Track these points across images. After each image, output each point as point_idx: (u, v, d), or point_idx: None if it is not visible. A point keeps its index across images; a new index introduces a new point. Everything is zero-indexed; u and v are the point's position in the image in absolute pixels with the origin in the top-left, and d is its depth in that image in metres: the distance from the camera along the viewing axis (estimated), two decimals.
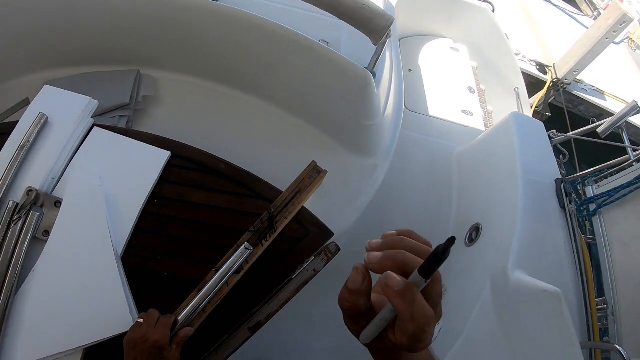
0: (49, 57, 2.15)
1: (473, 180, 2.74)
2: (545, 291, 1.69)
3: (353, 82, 1.82)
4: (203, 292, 1.09)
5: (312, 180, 1.18)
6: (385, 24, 1.58)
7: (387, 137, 2.21)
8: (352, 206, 1.96)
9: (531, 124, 2.59)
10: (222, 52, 2.02)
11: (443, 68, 3.72)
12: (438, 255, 0.46)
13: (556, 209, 2.21)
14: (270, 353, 2.18)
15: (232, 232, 1.24)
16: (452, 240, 0.46)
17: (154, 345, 0.97)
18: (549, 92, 4.68)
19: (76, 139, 1.37)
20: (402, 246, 0.52)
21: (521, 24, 5.27)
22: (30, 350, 1.14)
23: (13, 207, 1.23)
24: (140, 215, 1.27)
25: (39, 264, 1.20)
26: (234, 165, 1.36)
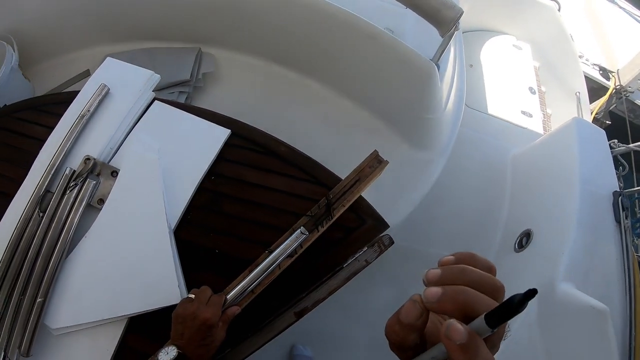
0: (111, 31, 2.20)
1: (527, 185, 2.65)
2: (592, 307, 1.63)
3: (417, 73, 1.78)
4: (254, 272, 1.08)
5: (373, 169, 1.15)
6: (454, 15, 1.53)
7: (446, 132, 2.15)
8: (405, 200, 1.93)
9: (593, 131, 2.47)
10: (285, 35, 2.01)
11: (504, 66, 3.60)
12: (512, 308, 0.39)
13: (611, 222, 2.11)
14: (307, 338, 2.17)
15: (286, 214, 1.23)
16: (532, 292, 0.39)
17: (204, 323, 0.96)
18: (611, 99, 4.46)
19: (136, 111, 1.38)
20: (464, 280, 0.45)
21: (586, 25, 5.03)
22: (75, 313, 1.16)
23: (70, 174, 1.26)
24: (196, 191, 1.27)
25: (92, 231, 1.22)
26: (294, 149, 1.34)
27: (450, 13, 1.54)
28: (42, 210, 1.23)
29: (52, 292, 1.17)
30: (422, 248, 2.43)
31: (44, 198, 1.24)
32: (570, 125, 2.43)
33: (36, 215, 1.22)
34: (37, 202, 1.23)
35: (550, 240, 2.11)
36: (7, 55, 1.94)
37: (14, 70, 1.97)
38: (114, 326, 1.16)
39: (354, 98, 2.13)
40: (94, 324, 1.16)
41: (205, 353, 0.98)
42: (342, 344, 2.19)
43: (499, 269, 1.62)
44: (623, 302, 1.88)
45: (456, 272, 0.46)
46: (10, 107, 1.52)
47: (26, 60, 2.10)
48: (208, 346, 0.98)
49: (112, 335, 1.15)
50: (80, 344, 1.16)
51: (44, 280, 1.16)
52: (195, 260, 1.21)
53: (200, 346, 0.97)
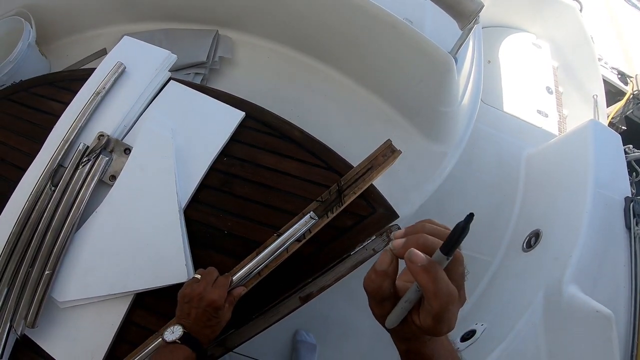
0: (130, 11, 2.20)
1: (540, 184, 2.62)
2: (598, 312, 1.61)
3: (434, 65, 1.76)
4: (262, 255, 1.09)
5: (386, 158, 1.14)
6: (475, 8, 1.51)
7: (461, 126, 2.14)
8: (418, 191, 1.92)
9: (609, 135, 2.44)
10: (304, 21, 2.00)
11: (522, 63, 3.55)
12: (458, 232, 0.49)
13: (621, 228, 2.09)
14: (312, 323, 2.18)
15: (297, 199, 1.23)
16: (470, 216, 0.50)
17: (210, 304, 0.97)
18: (628, 104, 4.41)
19: (152, 90, 1.39)
20: (424, 230, 0.56)
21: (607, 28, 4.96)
22: (82, 287, 1.17)
23: (83, 149, 1.27)
24: (208, 172, 1.28)
25: (102, 207, 1.23)
26: (308, 134, 1.34)
27: (471, 5, 1.52)
28: (54, 184, 1.24)
29: (60, 266, 1.18)
30: None
31: (57, 172, 1.25)
32: (586, 127, 2.40)
33: (48, 189, 1.24)
34: (49, 176, 1.25)
35: (559, 242, 2.09)
36: (25, 31, 1.95)
37: (31, 46, 1.99)
38: (120, 301, 1.17)
39: (370, 87, 2.12)
40: (100, 298, 1.17)
41: (211, 333, 0.99)
42: (345, 332, 2.20)
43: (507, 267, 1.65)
44: (628, 309, 1.87)
45: (417, 226, 0.58)
46: (27, 83, 1.53)
47: (43, 36, 2.12)
48: (213, 327, 0.99)
49: (118, 310, 1.17)
50: (86, 318, 1.18)
51: (52, 253, 1.18)
52: (204, 239, 1.22)
53: (205, 327, 0.98)
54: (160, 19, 2.19)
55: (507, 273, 2.28)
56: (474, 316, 2.18)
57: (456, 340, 2.05)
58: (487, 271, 2.39)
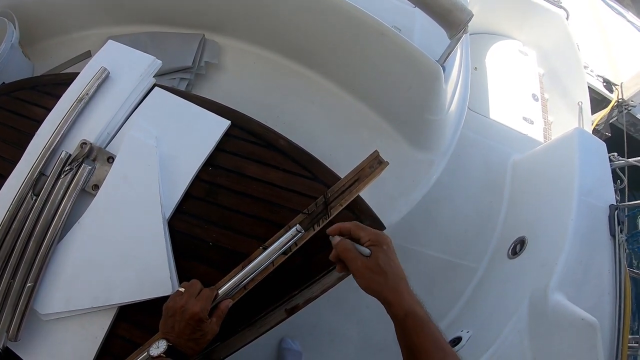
0: (116, 13, 2.18)
1: (525, 191, 2.64)
2: (582, 319, 1.63)
3: (422, 73, 1.76)
4: (248, 268, 1.07)
5: (373, 170, 1.13)
6: (465, 18, 1.52)
7: (448, 134, 2.14)
8: (404, 199, 1.92)
9: (594, 143, 2.46)
10: (291, 26, 1.99)
11: (509, 71, 3.60)
12: None
13: (606, 236, 2.11)
14: (297, 331, 2.17)
15: (282, 209, 1.22)
16: None
17: (192, 317, 0.96)
18: (612, 111, 4.47)
19: (136, 96, 1.37)
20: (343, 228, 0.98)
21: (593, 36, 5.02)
22: (65, 299, 1.15)
23: (65, 158, 1.25)
24: (193, 181, 1.26)
25: (85, 217, 1.21)
26: (293, 143, 1.33)
27: (461, 15, 1.52)
28: (35, 193, 1.22)
29: (42, 277, 1.16)
30: (418, 248, 2.42)
31: (38, 181, 1.23)
32: (571, 135, 2.42)
33: (29, 198, 1.21)
34: (31, 185, 1.22)
35: (544, 249, 2.10)
36: (8, 32, 1.91)
37: (14, 47, 1.95)
38: (104, 314, 1.15)
39: (358, 95, 2.12)
40: (83, 311, 1.15)
41: (195, 346, 0.97)
42: (331, 340, 2.19)
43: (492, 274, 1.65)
44: (613, 316, 1.88)
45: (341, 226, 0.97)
46: (9, 86, 1.50)
47: (27, 37, 2.08)
48: (198, 340, 0.97)
49: (102, 323, 1.15)
50: (70, 331, 1.15)
51: (34, 264, 1.15)
52: (189, 251, 1.20)
53: (190, 340, 0.96)
54: (146, 22, 2.17)
55: (492, 280, 2.29)
56: (460, 323, 2.19)
57: None
58: (473, 278, 2.40)
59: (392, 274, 0.87)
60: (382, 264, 0.87)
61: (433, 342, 0.81)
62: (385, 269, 0.87)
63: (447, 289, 2.38)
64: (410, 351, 0.83)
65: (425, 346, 0.81)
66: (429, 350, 0.81)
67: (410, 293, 0.88)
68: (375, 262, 0.87)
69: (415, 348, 0.82)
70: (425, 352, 0.81)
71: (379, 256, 0.88)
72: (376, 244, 0.91)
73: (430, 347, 0.81)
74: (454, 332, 2.11)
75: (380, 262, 0.87)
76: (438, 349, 0.81)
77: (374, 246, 0.90)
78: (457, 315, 2.27)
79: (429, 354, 0.80)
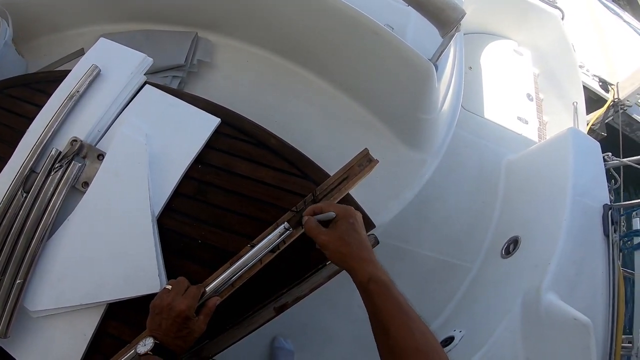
0: (110, 11, 2.17)
1: (519, 191, 2.64)
2: (575, 319, 1.63)
3: (414, 72, 1.76)
4: (235, 266, 1.07)
5: (362, 168, 1.13)
6: (457, 16, 1.52)
7: (441, 133, 2.14)
8: (396, 199, 1.92)
9: (588, 143, 2.47)
10: (284, 25, 1.99)
11: (504, 70, 3.60)
12: None
13: (599, 236, 2.11)
14: (290, 331, 2.17)
15: (272, 208, 1.22)
16: None
17: (179, 315, 0.96)
18: (608, 111, 4.47)
19: (127, 94, 1.37)
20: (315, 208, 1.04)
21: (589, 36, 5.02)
22: (54, 296, 1.15)
23: (55, 155, 1.24)
24: (182, 179, 1.26)
25: (74, 215, 1.21)
26: (284, 142, 1.33)
27: (453, 14, 1.52)
28: (25, 190, 1.21)
29: (32, 274, 1.16)
30: (410, 247, 2.42)
31: (28, 178, 1.23)
32: (565, 135, 2.43)
33: (19, 195, 1.21)
34: (21, 182, 1.22)
35: (537, 249, 2.11)
36: (1, 30, 1.91)
37: (8, 45, 1.94)
38: (93, 311, 1.15)
39: (350, 93, 2.12)
40: (72, 308, 1.15)
41: (183, 344, 0.98)
42: (324, 338, 2.19)
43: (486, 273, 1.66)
44: (606, 315, 1.88)
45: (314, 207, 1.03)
46: (2, 83, 1.50)
47: (21, 35, 2.07)
48: (185, 337, 0.98)
49: (91, 320, 1.15)
50: (59, 328, 1.16)
51: (24, 261, 1.15)
52: (178, 249, 1.20)
53: (177, 337, 0.97)
54: (140, 20, 2.16)
55: (485, 279, 2.29)
56: (453, 322, 2.19)
57: None
58: (466, 277, 2.40)
59: (356, 244, 0.93)
60: (344, 236, 0.93)
61: (396, 306, 0.84)
62: (348, 240, 0.93)
63: (440, 289, 2.38)
64: (374, 316, 0.85)
65: (388, 309, 0.84)
66: (392, 314, 0.83)
67: (373, 261, 0.91)
68: (338, 234, 0.94)
69: (379, 312, 0.84)
70: (389, 315, 0.83)
71: (342, 228, 0.95)
72: (342, 217, 0.97)
73: (394, 311, 0.83)
74: (446, 332, 2.11)
75: (342, 234, 0.94)
76: (402, 312, 0.83)
77: (340, 219, 0.97)
78: (450, 314, 2.27)
79: (392, 318, 0.83)
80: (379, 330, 0.84)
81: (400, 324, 0.82)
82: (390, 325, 0.82)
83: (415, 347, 0.79)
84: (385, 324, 0.83)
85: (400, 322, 0.82)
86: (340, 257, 0.93)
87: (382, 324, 0.83)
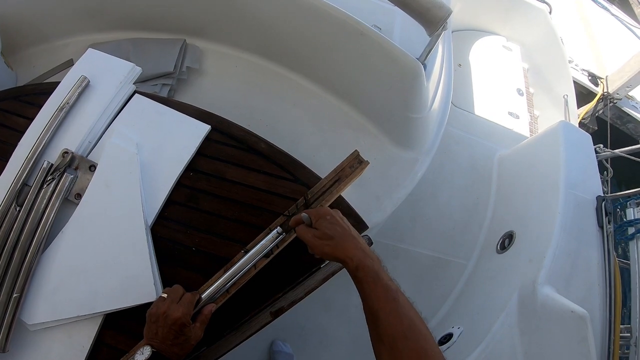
0: (97, 20, 2.16)
1: (512, 186, 2.66)
2: (572, 312, 1.64)
3: (403, 72, 1.76)
4: (229, 272, 1.07)
5: (353, 170, 1.14)
6: (443, 15, 1.51)
7: (431, 132, 2.14)
8: (389, 198, 1.92)
9: (579, 135, 2.48)
10: (271, 28, 1.98)
11: (493, 66, 3.60)
12: None
13: (594, 227, 2.13)
14: (287, 333, 2.17)
15: (265, 213, 1.23)
16: None
17: (175, 323, 0.96)
18: (598, 104, 4.50)
19: (116, 104, 1.37)
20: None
21: (577, 30, 5.05)
22: (51, 309, 1.16)
23: (47, 168, 1.24)
24: (174, 187, 1.26)
25: (68, 226, 1.21)
26: (274, 146, 1.33)
27: (439, 12, 1.52)
28: (19, 204, 1.21)
29: (28, 288, 1.16)
30: (405, 246, 2.43)
31: (21, 192, 1.23)
32: (556, 128, 2.44)
33: (13, 209, 1.21)
34: (14, 195, 1.22)
35: (532, 243, 2.12)
36: None
37: None
38: (90, 322, 1.15)
39: (339, 95, 2.12)
40: (70, 320, 1.15)
41: (180, 351, 0.98)
42: (322, 341, 2.19)
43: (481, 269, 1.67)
44: (603, 307, 1.90)
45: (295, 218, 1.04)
46: None
47: (9, 46, 2.07)
48: (182, 345, 0.98)
49: (88, 331, 1.15)
50: (57, 340, 1.16)
51: (20, 275, 1.15)
52: (172, 256, 1.20)
53: (173, 345, 0.97)
54: (128, 28, 2.16)
55: (482, 275, 2.30)
56: (451, 319, 2.20)
57: None
58: (462, 274, 2.41)
59: (339, 236, 0.96)
60: (327, 231, 0.97)
61: (384, 293, 0.86)
62: (330, 233, 0.96)
63: (436, 286, 2.40)
64: (365, 303, 0.88)
65: (378, 296, 0.86)
66: (381, 301, 0.85)
67: (359, 248, 0.94)
68: (321, 231, 0.97)
69: (368, 299, 0.87)
70: (378, 302, 0.85)
71: (322, 225, 0.98)
72: (318, 218, 1.00)
73: (382, 297, 0.86)
74: (445, 329, 2.11)
75: (325, 230, 0.97)
76: (390, 299, 0.85)
77: (318, 219, 1.00)
78: (447, 311, 2.28)
79: (381, 305, 0.84)
80: (369, 317, 0.86)
81: (389, 311, 0.83)
82: (380, 313, 0.84)
83: (403, 334, 0.80)
84: (374, 311, 0.85)
85: (389, 309, 0.84)
86: (328, 250, 0.95)
87: (372, 311, 0.85)
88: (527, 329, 1.81)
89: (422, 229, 2.53)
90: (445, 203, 2.67)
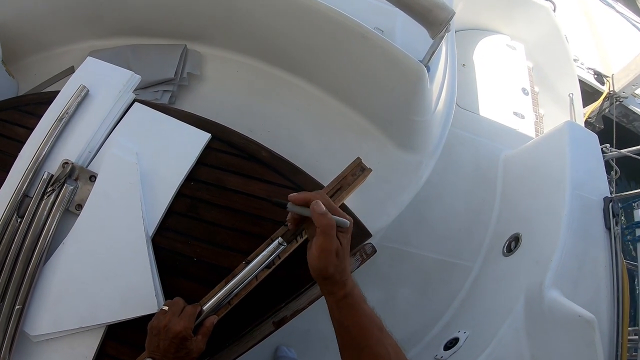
0: (97, 27, 2.16)
1: (518, 187, 2.63)
2: (580, 316, 1.62)
3: (406, 75, 1.73)
4: (231, 284, 1.06)
5: (355, 177, 1.12)
6: (446, 16, 1.49)
7: (436, 135, 2.12)
8: (393, 203, 1.89)
9: (586, 135, 2.45)
10: (273, 32, 1.96)
11: (498, 65, 3.58)
12: None
13: (601, 228, 2.11)
14: (292, 338, 2.17)
15: (265, 222, 1.22)
16: None
17: (176, 336, 0.96)
18: (604, 103, 4.47)
19: (116, 113, 1.36)
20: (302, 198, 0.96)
21: (582, 28, 5.02)
22: (53, 320, 1.15)
23: (48, 179, 1.23)
24: (175, 197, 1.25)
25: (69, 238, 1.21)
26: (275, 154, 1.32)
27: (442, 14, 1.49)
28: (20, 215, 1.21)
29: (30, 299, 1.15)
30: (411, 250, 2.41)
31: (22, 203, 1.22)
32: (562, 128, 2.42)
33: (14, 220, 1.20)
34: (15, 207, 1.21)
35: (539, 246, 2.10)
36: None
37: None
38: (93, 334, 1.15)
39: (342, 99, 2.09)
40: (72, 331, 1.15)
41: None
42: (327, 346, 2.17)
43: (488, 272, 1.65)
44: (611, 310, 1.88)
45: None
46: None
47: (10, 55, 2.07)
48: (183, 358, 0.97)
49: (91, 342, 1.14)
50: (59, 352, 1.15)
51: (22, 287, 1.15)
52: (173, 267, 1.19)
53: (175, 358, 0.96)
54: (128, 34, 2.15)
55: (488, 278, 2.28)
56: (457, 323, 2.18)
57: (439, 349, 2.04)
58: (468, 277, 2.39)
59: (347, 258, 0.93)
60: (346, 251, 0.92)
61: (370, 321, 0.89)
62: (346, 254, 0.92)
63: (442, 289, 2.38)
64: (346, 329, 0.90)
65: (363, 323, 0.89)
66: (365, 327, 0.88)
67: (351, 276, 0.94)
68: (344, 249, 0.91)
69: (354, 325, 0.88)
70: (363, 328, 0.88)
71: (346, 243, 0.93)
72: (346, 232, 0.94)
73: (367, 325, 0.89)
74: (451, 333, 2.10)
75: (346, 249, 0.92)
76: (374, 326, 0.89)
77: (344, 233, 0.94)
78: (453, 315, 2.26)
79: (365, 331, 0.88)
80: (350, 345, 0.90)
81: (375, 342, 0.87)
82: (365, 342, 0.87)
83: None
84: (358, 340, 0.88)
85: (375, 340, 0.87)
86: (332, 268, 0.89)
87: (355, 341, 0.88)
88: (534, 333, 1.80)
89: (427, 231, 2.51)
90: (450, 205, 2.64)
